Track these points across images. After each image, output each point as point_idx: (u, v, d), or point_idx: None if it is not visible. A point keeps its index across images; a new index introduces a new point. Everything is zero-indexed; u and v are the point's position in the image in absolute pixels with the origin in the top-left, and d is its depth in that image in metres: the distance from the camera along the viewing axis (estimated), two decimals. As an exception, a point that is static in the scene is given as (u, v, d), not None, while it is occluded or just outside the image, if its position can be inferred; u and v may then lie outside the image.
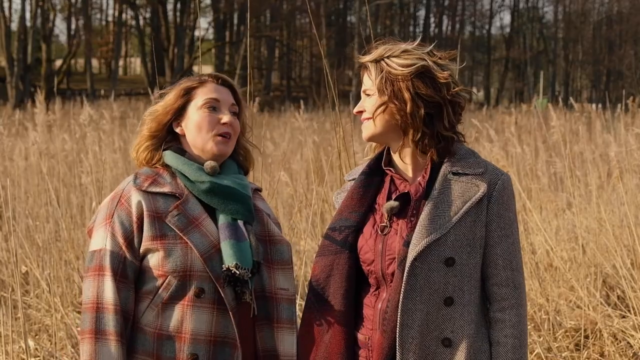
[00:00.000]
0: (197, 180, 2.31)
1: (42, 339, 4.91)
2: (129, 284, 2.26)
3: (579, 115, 9.88)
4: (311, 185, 7.32)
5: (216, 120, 2.36)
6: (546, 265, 5.71)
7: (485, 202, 2.22)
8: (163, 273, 2.24)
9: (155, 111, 2.40)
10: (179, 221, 2.25)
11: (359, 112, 2.32)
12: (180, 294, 2.24)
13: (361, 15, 44.04)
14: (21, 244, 5.51)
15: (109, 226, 2.27)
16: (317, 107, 17.65)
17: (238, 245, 2.25)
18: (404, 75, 2.22)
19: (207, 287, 2.24)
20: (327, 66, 3.79)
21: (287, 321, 2.33)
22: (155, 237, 2.24)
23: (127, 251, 2.25)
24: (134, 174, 2.37)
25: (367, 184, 2.37)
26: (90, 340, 2.22)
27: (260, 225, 2.37)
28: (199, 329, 2.23)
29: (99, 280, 2.25)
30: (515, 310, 2.23)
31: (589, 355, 4.75)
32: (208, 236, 2.27)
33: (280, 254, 2.36)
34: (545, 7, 63.99)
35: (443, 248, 2.19)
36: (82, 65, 45.76)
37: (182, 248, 2.24)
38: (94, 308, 2.23)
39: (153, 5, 42.62)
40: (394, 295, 2.21)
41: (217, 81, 2.43)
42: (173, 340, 2.23)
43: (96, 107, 13.14)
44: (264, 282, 2.33)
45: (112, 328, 2.21)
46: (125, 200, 2.29)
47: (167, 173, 2.36)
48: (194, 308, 2.23)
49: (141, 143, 2.40)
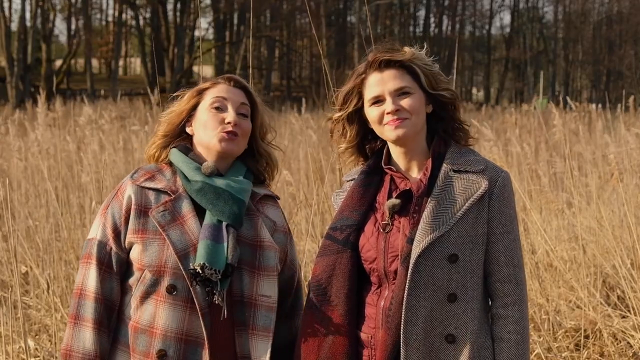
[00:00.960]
0: (192, 179, 2.34)
1: (42, 339, 4.91)
2: (114, 275, 2.31)
3: (578, 115, 9.88)
4: (311, 185, 7.32)
5: (221, 118, 2.37)
6: (546, 265, 5.71)
7: (487, 199, 2.24)
8: (140, 266, 2.28)
9: (171, 112, 2.46)
10: (163, 217, 2.28)
11: (395, 112, 2.27)
12: (154, 288, 2.27)
13: (361, 15, 44.02)
14: (21, 244, 5.51)
15: (102, 217, 2.35)
16: (317, 107, 17.64)
17: (214, 246, 2.25)
18: (438, 73, 2.32)
19: (180, 285, 2.25)
20: (327, 66, 3.78)
21: (262, 329, 2.31)
22: (137, 230, 2.29)
23: (113, 242, 2.31)
24: (137, 168, 2.43)
25: (367, 183, 2.38)
26: (70, 324, 2.30)
27: (252, 230, 2.36)
28: (169, 326, 2.25)
29: (86, 268, 2.32)
30: (517, 306, 2.25)
31: (589, 355, 4.75)
32: (188, 234, 2.28)
33: (266, 259, 2.34)
34: (545, 7, 64.09)
35: (446, 245, 2.20)
36: (82, 65, 45.75)
37: (160, 244, 2.27)
38: (77, 294, 2.31)
39: (153, 5, 42.61)
40: (397, 292, 2.21)
41: (230, 83, 2.45)
42: (146, 335, 2.26)
43: (96, 107, 13.15)
44: (244, 287, 2.31)
45: (90, 315, 2.27)
46: (121, 193, 2.35)
47: (169, 170, 2.40)
48: (166, 304, 2.25)
49: (154, 142, 2.47)
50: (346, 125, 2.39)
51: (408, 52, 2.31)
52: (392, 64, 2.29)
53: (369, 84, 2.31)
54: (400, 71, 2.29)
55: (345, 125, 2.40)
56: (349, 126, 2.39)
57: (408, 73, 2.30)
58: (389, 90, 2.28)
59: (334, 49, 44.29)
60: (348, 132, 2.40)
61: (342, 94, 2.37)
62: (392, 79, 2.29)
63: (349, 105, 2.36)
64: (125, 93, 28.83)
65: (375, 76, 2.30)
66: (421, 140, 2.34)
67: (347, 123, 2.39)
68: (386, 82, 2.29)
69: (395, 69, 2.29)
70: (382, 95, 2.29)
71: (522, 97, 41.29)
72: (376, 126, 2.32)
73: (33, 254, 5.53)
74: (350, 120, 2.39)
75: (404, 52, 2.31)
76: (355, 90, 2.35)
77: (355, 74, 2.35)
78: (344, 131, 2.41)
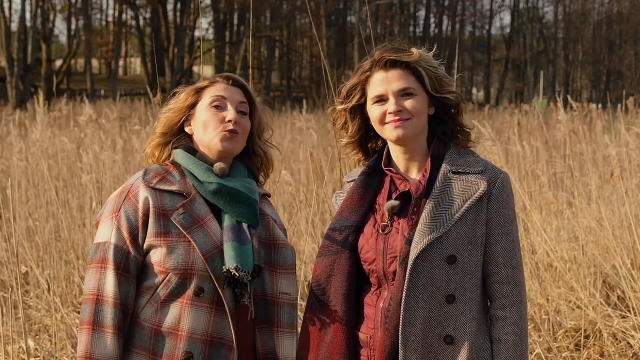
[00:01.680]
0: (206, 181, 2.32)
1: (42, 339, 4.91)
2: (131, 278, 2.27)
3: (579, 114, 9.86)
4: (311, 185, 7.31)
5: (221, 117, 2.37)
6: (546, 265, 5.71)
7: (486, 200, 2.25)
8: (164, 270, 2.25)
9: (169, 109, 2.44)
10: (184, 219, 2.26)
11: (396, 112, 2.28)
12: (180, 291, 2.25)
13: (361, 15, 44.02)
14: (21, 244, 5.51)
15: (115, 220, 2.29)
16: (317, 107, 17.64)
17: (240, 247, 2.26)
18: (443, 76, 2.32)
19: (206, 287, 2.24)
20: (327, 66, 3.79)
21: (287, 325, 2.34)
22: (159, 233, 2.25)
23: (131, 246, 2.26)
24: (144, 170, 2.38)
25: (366, 184, 2.38)
26: (88, 331, 2.24)
27: (265, 229, 2.38)
28: (195, 328, 2.24)
29: (101, 272, 2.26)
30: (516, 307, 2.25)
31: (589, 355, 4.75)
32: (211, 236, 2.27)
33: (284, 258, 2.37)
34: (545, 7, 64.11)
35: (445, 246, 2.20)
36: (82, 65, 45.72)
37: (185, 246, 2.24)
38: (94, 300, 2.25)
39: (153, 5, 42.58)
40: (396, 293, 2.22)
41: (228, 81, 2.45)
42: (169, 337, 2.24)
43: (97, 107, 13.14)
44: (265, 286, 2.33)
45: (110, 321, 2.23)
46: (133, 195, 2.30)
47: (176, 171, 2.37)
48: (193, 307, 2.24)
49: (152, 140, 2.44)
50: (348, 118, 2.40)
51: (415, 53, 2.30)
52: (398, 64, 2.29)
53: (373, 82, 2.32)
54: (405, 72, 2.29)
55: (347, 119, 2.40)
56: (351, 120, 2.40)
57: (413, 74, 2.30)
58: (393, 90, 2.28)
59: (334, 49, 44.28)
60: (350, 127, 2.40)
61: (346, 88, 2.38)
62: (396, 79, 2.29)
63: (351, 100, 2.37)
64: (125, 93, 28.81)
65: (380, 75, 2.31)
66: (422, 141, 2.34)
67: (350, 117, 2.39)
68: (390, 81, 2.29)
69: (401, 69, 2.29)
70: (386, 94, 2.29)
71: (522, 97, 41.28)
72: (377, 125, 2.32)
73: (33, 254, 5.53)
74: (352, 114, 2.39)
75: (411, 53, 2.31)
76: (360, 86, 2.35)
77: (361, 70, 2.35)
78: (345, 124, 2.41)
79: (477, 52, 52.31)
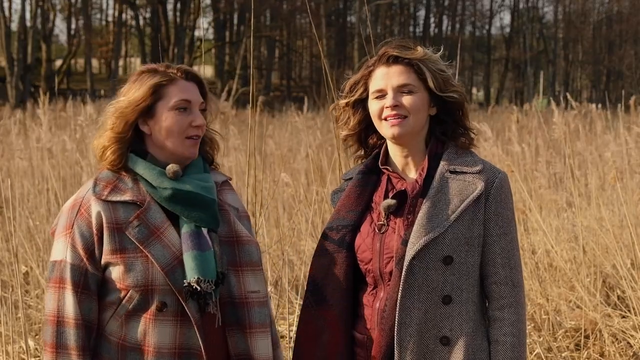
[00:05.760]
0: (159, 186, 2.21)
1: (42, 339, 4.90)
2: (92, 295, 2.21)
3: (578, 114, 9.87)
4: (311, 185, 7.32)
5: (187, 122, 2.25)
6: (546, 265, 5.71)
7: (483, 200, 2.24)
8: (125, 287, 2.18)
9: (121, 107, 2.26)
10: (140, 233, 2.17)
11: (393, 107, 2.28)
12: (143, 307, 2.18)
13: (361, 15, 43.99)
14: (21, 244, 5.51)
15: (69, 237, 2.20)
16: (317, 107, 17.63)
17: (201, 256, 2.17)
18: (448, 77, 2.32)
19: (169, 301, 2.18)
20: (327, 66, 3.79)
21: (259, 325, 2.26)
22: (115, 250, 2.17)
23: (88, 263, 2.19)
24: (94, 179, 2.27)
25: (364, 183, 2.38)
26: (52, 354, 2.19)
27: (226, 226, 2.29)
28: (162, 342, 2.19)
29: (60, 293, 2.19)
30: (514, 308, 2.24)
31: (589, 355, 4.75)
32: (170, 247, 2.19)
33: (249, 255, 2.29)
34: (545, 7, 63.97)
35: (441, 246, 2.19)
36: (82, 65, 45.69)
37: (143, 262, 2.17)
38: (55, 322, 2.20)
39: (153, 5, 42.58)
40: (392, 293, 2.21)
41: (185, 76, 2.30)
42: (137, 353, 2.20)
43: (97, 107, 13.11)
44: (232, 288, 2.25)
45: (74, 342, 2.18)
46: (85, 210, 2.21)
47: (128, 177, 2.25)
48: (157, 322, 2.18)
49: (109, 144, 2.26)
50: (350, 112, 2.40)
51: (420, 51, 2.31)
52: (401, 60, 2.30)
53: (375, 77, 2.32)
54: (407, 68, 2.29)
55: (349, 113, 2.41)
56: (352, 114, 2.40)
57: (415, 72, 2.29)
58: (392, 85, 2.29)
59: (334, 49, 44.27)
60: (351, 120, 2.41)
61: (350, 83, 2.39)
62: (397, 74, 2.29)
63: (354, 94, 2.37)
64: (126, 93, 28.74)
65: (382, 70, 2.31)
66: (420, 140, 2.34)
67: (352, 111, 2.40)
68: (391, 77, 2.29)
69: (403, 66, 2.30)
70: (385, 89, 2.29)
71: (522, 97, 41.28)
72: (376, 120, 2.33)
73: (34, 254, 5.53)
74: (354, 108, 2.39)
75: (415, 50, 2.31)
76: (363, 80, 2.36)
77: (365, 65, 2.37)
78: (347, 119, 2.42)
79: (477, 52, 52.28)
